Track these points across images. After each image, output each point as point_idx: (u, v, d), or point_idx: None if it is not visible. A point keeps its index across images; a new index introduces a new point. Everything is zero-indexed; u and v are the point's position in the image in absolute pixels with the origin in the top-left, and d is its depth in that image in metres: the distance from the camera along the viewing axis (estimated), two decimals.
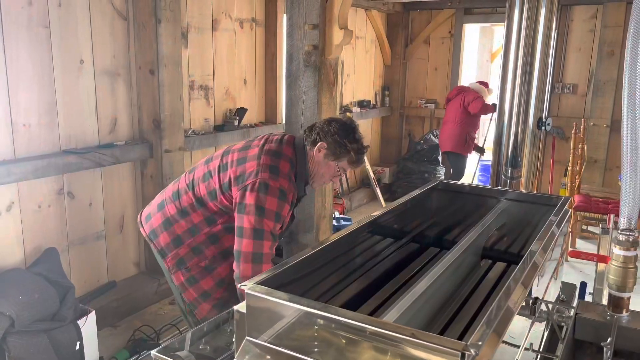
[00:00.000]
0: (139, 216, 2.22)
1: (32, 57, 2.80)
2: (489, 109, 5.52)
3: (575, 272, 4.01)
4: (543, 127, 2.00)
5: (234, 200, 1.90)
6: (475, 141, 5.81)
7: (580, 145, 4.58)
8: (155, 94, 3.38)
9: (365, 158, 5.78)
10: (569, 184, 4.63)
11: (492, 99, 5.61)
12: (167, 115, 3.43)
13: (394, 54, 6.53)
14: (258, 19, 4.42)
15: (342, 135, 1.93)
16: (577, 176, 4.62)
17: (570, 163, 4.59)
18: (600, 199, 4.59)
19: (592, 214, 4.42)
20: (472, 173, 6.15)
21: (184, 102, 3.72)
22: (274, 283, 1.15)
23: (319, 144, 1.94)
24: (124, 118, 3.38)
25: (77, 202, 3.14)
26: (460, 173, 5.88)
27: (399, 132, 6.80)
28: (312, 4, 2.71)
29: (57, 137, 2.99)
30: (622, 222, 1.09)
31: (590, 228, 4.95)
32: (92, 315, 2.75)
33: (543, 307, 1.83)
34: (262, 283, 1.10)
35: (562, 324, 1.56)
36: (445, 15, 6.27)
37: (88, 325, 2.69)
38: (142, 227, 2.16)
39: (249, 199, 1.84)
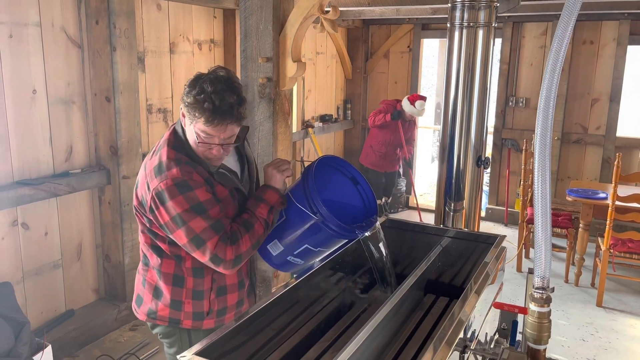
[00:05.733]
0: (133, 307, 1.93)
1: None
2: (379, 119, 5.51)
3: (521, 291, 4.19)
4: (482, 165, 2.11)
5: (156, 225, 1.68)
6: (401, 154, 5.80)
7: (531, 160, 4.77)
8: (112, 120, 3.37)
9: None
10: (521, 197, 4.82)
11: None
12: (124, 141, 3.43)
13: (355, 68, 6.64)
14: (217, 40, 4.44)
15: (187, 92, 1.59)
16: (529, 189, 4.80)
17: (522, 177, 4.77)
18: (552, 211, 4.78)
19: None
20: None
21: (142, 126, 3.72)
22: (221, 348, 1.20)
23: (181, 110, 1.65)
24: (80, 146, 3.36)
25: (32, 232, 3.11)
26: (376, 189, 5.89)
27: (361, 145, 6.90)
28: (265, 37, 2.77)
29: (9, 169, 2.95)
30: (536, 281, 1.19)
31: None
32: (49, 350, 2.74)
33: (482, 337, 1.94)
34: (207, 349, 1.15)
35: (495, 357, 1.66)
36: (403, 30, 6.42)
37: None
38: (137, 312, 1.89)
39: (162, 218, 1.60)
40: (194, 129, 1.61)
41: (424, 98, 5.51)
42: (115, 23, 3.26)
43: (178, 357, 1.06)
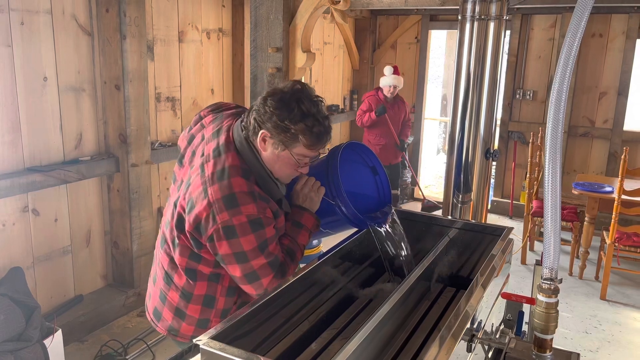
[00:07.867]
0: (147, 314, 1.83)
1: None
2: (366, 120, 5.46)
3: (526, 283, 4.20)
4: (491, 158, 2.13)
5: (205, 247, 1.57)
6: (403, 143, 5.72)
7: (537, 153, 4.77)
8: (121, 109, 3.40)
9: None
10: (527, 190, 4.83)
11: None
12: (133, 129, 3.45)
13: (362, 58, 6.63)
14: (225, 29, 4.45)
15: (283, 116, 1.47)
16: (535, 182, 4.81)
17: (528, 170, 4.78)
18: None
19: None
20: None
21: (151, 114, 3.74)
22: (234, 332, 1.22)
23: (260, 133, 1.52)
24: (90, 133, 3.39)
25: (42, 218, 3.15)
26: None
27: None
28: (275, 27, 2.78)
29: (20, 155, 2.99)
30: (545, 272, 1.21)
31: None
32: (59, 334, 2.78)
33: (487, 328, 1.96)
34: (221, 333, 1.17)
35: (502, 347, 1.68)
36: (411, 21, 6.40)
37: (54, 344, 2.72)
38: (156, 325, 1.79)
39: (222, 250, 1.50)
40: (284, 154, 1.53)
41: (392, 64, 5.44)
42: (125, 11, 3.27)
43: (194, 340, 1.09)
